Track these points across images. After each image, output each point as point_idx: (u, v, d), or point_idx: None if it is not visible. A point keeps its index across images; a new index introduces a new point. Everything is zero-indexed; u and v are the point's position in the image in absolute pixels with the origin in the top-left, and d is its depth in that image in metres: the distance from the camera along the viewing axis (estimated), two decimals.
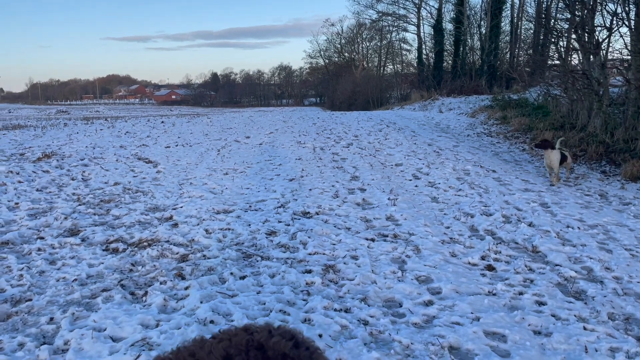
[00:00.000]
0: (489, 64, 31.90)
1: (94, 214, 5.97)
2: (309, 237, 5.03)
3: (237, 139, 12.72)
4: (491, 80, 32.21)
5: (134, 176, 8.04)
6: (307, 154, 10.27)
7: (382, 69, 66.71)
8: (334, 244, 4.91)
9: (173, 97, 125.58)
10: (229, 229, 5.38)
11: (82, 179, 7.82)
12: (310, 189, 7.20)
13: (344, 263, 4.43)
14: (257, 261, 4.51)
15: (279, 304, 3.61)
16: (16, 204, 6.33)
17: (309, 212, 6.03)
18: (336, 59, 77.98)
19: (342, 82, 62.88)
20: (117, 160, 9.43)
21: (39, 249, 4.74)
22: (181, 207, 6.27)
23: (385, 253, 4.72)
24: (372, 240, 5.10)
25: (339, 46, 75.71)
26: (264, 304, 3.63)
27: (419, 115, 20.13)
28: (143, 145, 11.44)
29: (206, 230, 5.31)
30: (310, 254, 4.64)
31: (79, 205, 6.29)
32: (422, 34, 37.03)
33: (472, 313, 3.51)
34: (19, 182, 7.55)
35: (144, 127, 16.58)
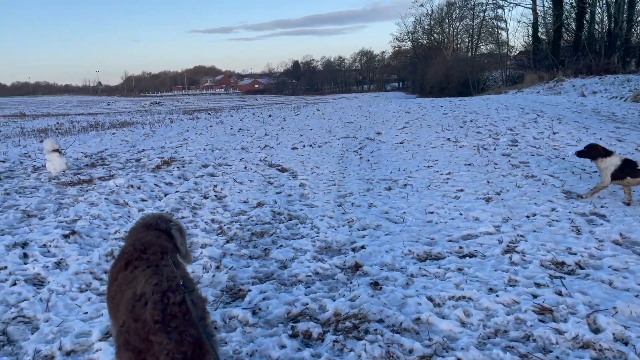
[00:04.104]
0: (622, 38, 27.67)
1: (250, 257, 4.33)
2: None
3: (368, 136, 10.82)
4: (624, 58, 28.02)
5: (277, 192, 6.37)
6: (473, 156, 8.15)
7: (473, 49, 62.24)
8: None
9: (256, 86, 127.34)
10: (465, 297, 3.48)
11: (216, 196, 6.27)
12: (527, 216, 5.14)
13: None
14: None
15: None
16: None
17: (563, 262, 4.00)
18: (425, 41, 74.02)
19: (433, 65, 59.13)
20: (245, 167, 7.86)
21: None
22: (362, 247, 4.47)
23: None
24: None
25: (427, 27, 71.90)
26: None
27: (556, 99, 17.18)
28: (266, 146, 9.84)
29: (430, 299, 3.45)
30: None
31: (227, 242, 4.66)
32: (537, 8, 33.08)
33: None
34: (143, 200, 6.15)
35: (254, 123, 15.18)
